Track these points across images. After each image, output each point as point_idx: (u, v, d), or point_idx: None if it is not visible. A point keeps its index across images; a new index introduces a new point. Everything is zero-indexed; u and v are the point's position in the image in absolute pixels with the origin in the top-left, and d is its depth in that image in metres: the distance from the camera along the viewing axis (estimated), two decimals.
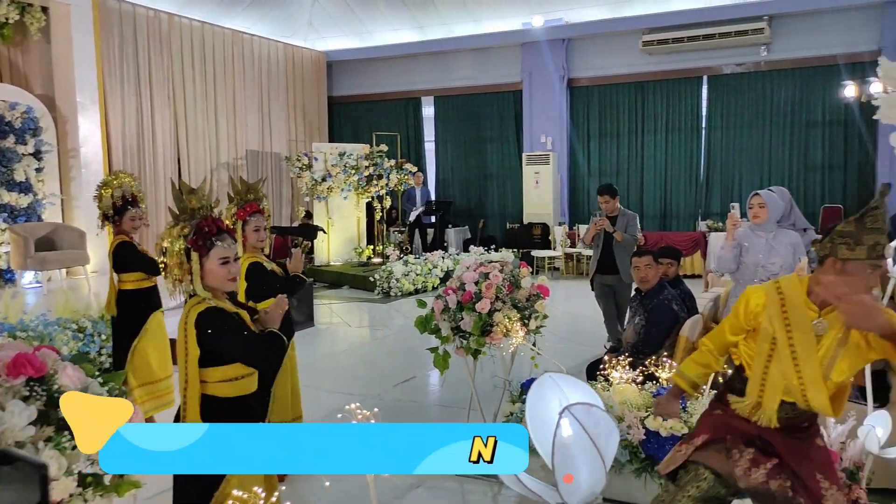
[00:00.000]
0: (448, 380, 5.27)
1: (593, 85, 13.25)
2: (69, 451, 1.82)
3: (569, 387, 1.11)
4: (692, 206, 12.77)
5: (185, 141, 12.09)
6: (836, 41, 11.11)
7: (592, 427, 1.01)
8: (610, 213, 6.34)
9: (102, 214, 4.85)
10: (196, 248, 2.48)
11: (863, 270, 2.25)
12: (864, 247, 2.25)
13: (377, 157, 12.46)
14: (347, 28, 14.29)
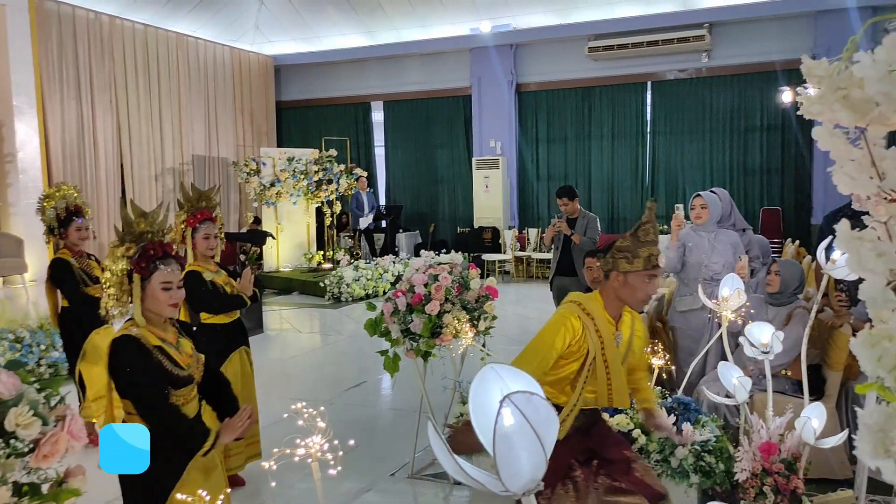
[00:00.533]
0: (399, 383, 5.27)
1: (541, 90, 13.43)
2: (4, 459, 1.76)
3: (511, 377, 1.14)
4: (638, 210, 13.03)
5: (128, 146, 11.81)
6: (773, 48, 11.50)
7: (533, 415, 1.03)
8: (570, 214, 6.37)
9: (48, 228, 4.73)
10: (139, 269, 2.42)
11: (642, 280, 2.53)
12: (640, 259, 2.51)
13: (327, 162, 12.38)
14: (295, 32, 14.19)
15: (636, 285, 2.54)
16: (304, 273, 11.78)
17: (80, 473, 2.02)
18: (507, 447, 1.05)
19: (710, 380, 4.17)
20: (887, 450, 0.94)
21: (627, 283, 2.55)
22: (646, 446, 3.55)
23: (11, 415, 1.83)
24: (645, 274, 2.52)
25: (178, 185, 12.64)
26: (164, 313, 2.47)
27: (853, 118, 1.10)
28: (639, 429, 3.59)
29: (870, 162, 1.05)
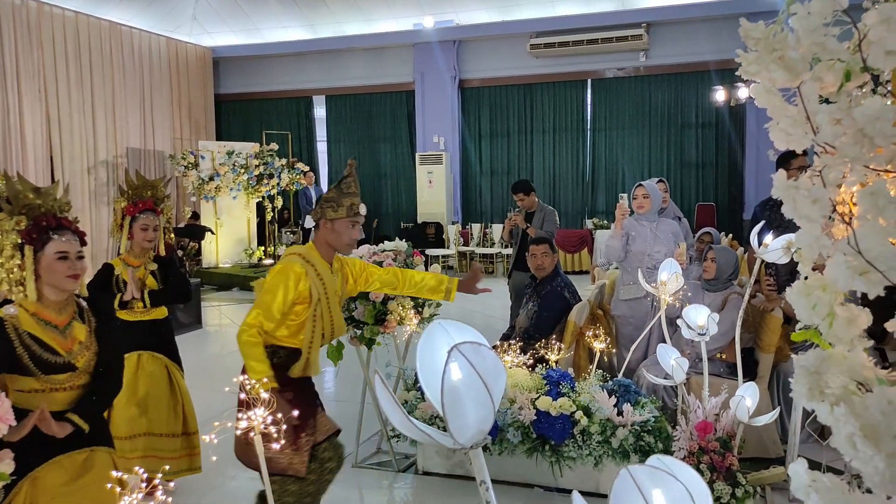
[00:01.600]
0: (341, 373, 5.22)
1: (484, 86, 13.51)
2: None
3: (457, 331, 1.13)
4: (579, 205, 13.25)
5: (58, 138, 11.37)
6: (707, 49, 11.84)
7: (481, 364, 1.03)
8: (528, 209, 6.28)
9: None
10: (30, 241, 2.28)
11: (346, 226, 2.88)
12: (343, 207, 2.86)
13: (267, 157, 12.17)
14: (234, 24, 13.90)
15: (341, 231, 2.87)
16: (245, 269, 11.57)
17: (6, 457, 1.94)
18: (454, 400, 1.05)
19: (650, 364, 4.27)
20: (822, 391, 0.97)
21: (334, 230, 2.87)
22: (587, 428, 3.61)
23: None
24: (348, 220, 2.87)
25: (111, 178, 12.24)
26: (64, 286, 2.31)
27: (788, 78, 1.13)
28: (581, 410, 3.65)
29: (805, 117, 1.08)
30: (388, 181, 14.44)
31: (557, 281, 4.72)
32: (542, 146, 13.30)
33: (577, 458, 3.63)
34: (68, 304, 2.38)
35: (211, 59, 14.70)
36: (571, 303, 4.64)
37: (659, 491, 1.09)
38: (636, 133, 12.75)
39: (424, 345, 1.16)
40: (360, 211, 2.88)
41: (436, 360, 1.11)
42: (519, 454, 3.72)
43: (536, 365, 3.97)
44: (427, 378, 1.12)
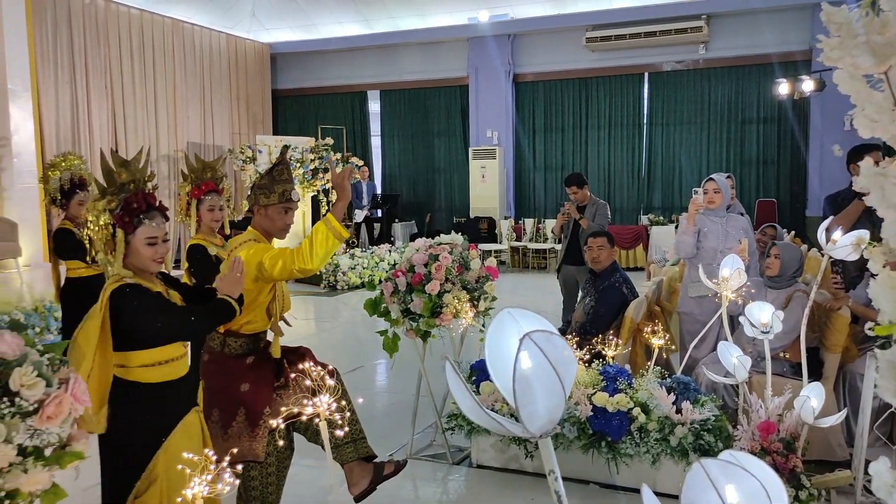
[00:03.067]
0: (396, 365, 5.26)
1: (538, 80, 13.41)
2: (8, 419, 1.75)
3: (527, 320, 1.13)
4: (634, 201, 13.05)
5: (122, 132, 11.75)
6: (770, 41, 11.51)
7: (553, 354, 1.02)
8: (580, 202, 6.27)
9: (50, 198, 4.66)
10: (122, 224, 2.32)
11: (279, 212, 2.89)
12: (276, 194, 2.88)
13: (323, 151, 12.33)
14: (291, 20, 14.11)
15: (274, 217, 2.90)
16: None
17: (82, 437, 2.01)
18: (525, 389, 1.04)
19: (710, 361, 4.18)
20: None
21: (268, 216, 2.91)
22: (645, 425, 3.56)
23: (16, 374, 1.82)
24: (280, 206, 2.90)
25: (172, 171, 12.59)
26: (149, 268, 2.38)
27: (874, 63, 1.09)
28: (638, 407, 3.60)
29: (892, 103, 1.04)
30: (441, 176, 14.48)
31: (616, 276, 4.66)
32: (597, 141, 13.14)
33: (635, 456, 3.58)
34: (153, 277, 2.45)
35: (269, 55, 14.96)
36: (629, 298, 4.58)
37: (732, 486, 1.07)
38: (694, 128, 12.48)
39: (494, 333, 1.16)
40: (292, 197, 2.91)
41: (506, 349, 1.11)
42: (575, 450, 3.69)
43: (593, 360, 3.93)
44: (497, 366, 1.12)
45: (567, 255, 6.33)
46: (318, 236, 2.73)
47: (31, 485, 1.80)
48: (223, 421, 2.80)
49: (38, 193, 9.26)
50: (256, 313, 2.90)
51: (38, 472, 1.82)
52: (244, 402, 2.79)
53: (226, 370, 2.87)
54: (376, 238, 13.22)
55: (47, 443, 1.90)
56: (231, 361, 2.88)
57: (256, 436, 2.80)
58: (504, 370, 1.09)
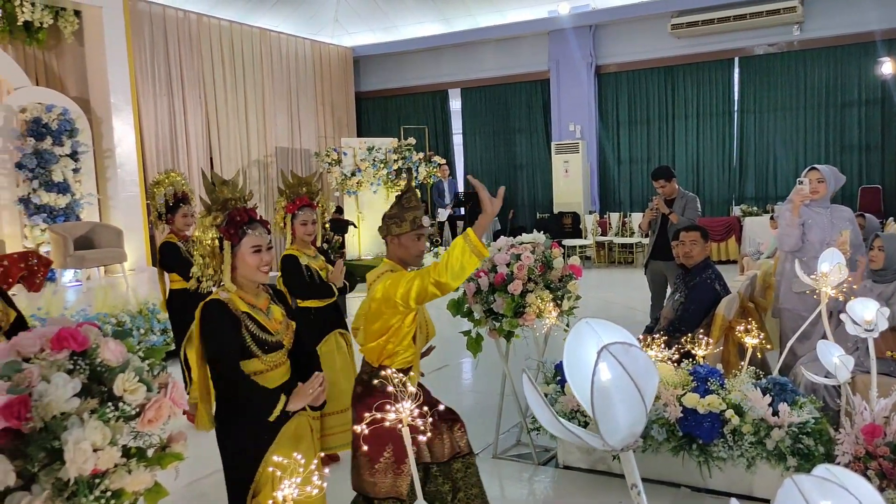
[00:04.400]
0: (481, 365, 5.28)
1: (621, 71, 13.12)
2: (113, 422, 1.85)
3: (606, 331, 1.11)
4: (726, 192, 12.59)
5: (216, 140, 12.25)
6: (872, 17, 10.84)
7: (632, 366, 1.00)
8: (668, 195, 6.09)
9: (156, 213, 4.95)
10: (228, 236, 2.47)
11: (412, 239, 2.88)
12: (407, 222, 2.87)
13: (405, 151, 12.49)
14: (373, 23, 14.34)
15: (408, 245, 2.89)
16: None
17: (181, 439, 2.11)
18: (604, 401, 1.03)
19: (809, 360, 3.99)
20: None
21: (401, 244, 2.89)
22: (739, 428, 3.43)
23: (119, 380, 1.93)
24: (413, 234, 2.88)
25: (262, 176, 13.04)
26: (256, 278, 2.51)
27: None
28: (732, 409, 3.47)
29: None
30: (523, 172, 14.39)
31: (708, 272, 4.50)
32: (685, 131, 12.74)
33: (728, 459, 3.46)
34: (261, 290, 2.59)
35: (351, 59, 15.26)
36: (721, 295, 4.41)
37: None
38: (789, 114, 11.91)
39: (572, 344, 1.15)
40: (423, 223, 2.90)
41: (584, 360, 1.09)
42: (664, 452, 3.60)
43: (682, 360, 3.82)
44: (575, 378, 1.11)
45: (655, 250, 6.14)
46: (455, 251, 2.58)
47: (135, 484, 1.90)
48: (371, 455, 2.81)
49: (141, 201, 9.78)
50: (404, 346, 2.89)
51: (142, 473, 1.92)
52: (392, 439, 2.76)
53: (376, 404, 2.86)
54: None
55: (149, 444, 2.01)
56: (381, 396, 2.78)
57: (401, 473, 2.82)
58: (583, 382, 1.08)
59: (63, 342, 1.92)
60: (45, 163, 8.67)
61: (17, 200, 8.63)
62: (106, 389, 1.93)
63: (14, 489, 1.75)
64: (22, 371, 1.83)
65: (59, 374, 1.86)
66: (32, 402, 1.79)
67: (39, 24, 9.20)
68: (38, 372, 1.85)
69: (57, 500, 1.77)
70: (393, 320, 2.78)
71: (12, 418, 1.73)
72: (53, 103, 8.92)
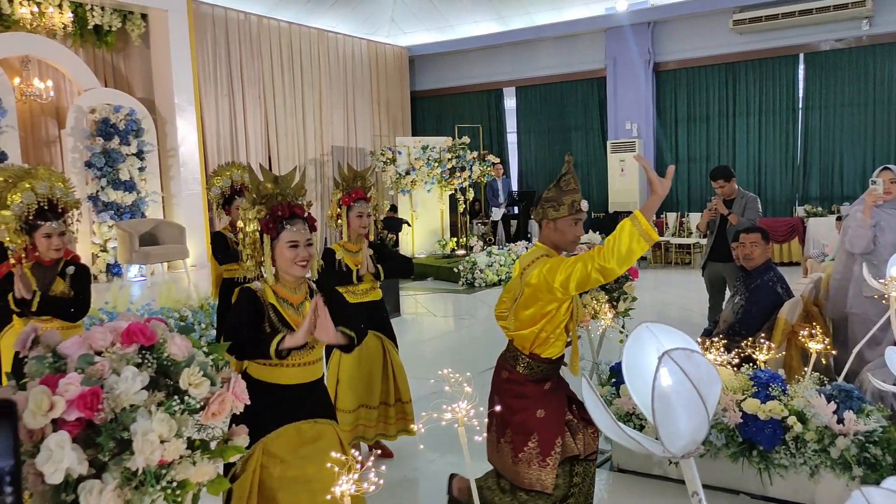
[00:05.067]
0: None
1: (681, 68, 12.86)
2: (179, 415, 1.92)
3: (666, 336, 1.09)
4: (789, 191, 12.22)
5: (274, 139, 12.49)
6: None
7: (693, 372, 0.99)
8: (727, 196, 5.94)
9: (216, 203, 5.08)
10: (267, 230, 2.53)
11: (569, 224, 2.78)
12: (564, 206, 2.76)
13: (459, 150, 12.51)
14: (429, 22, 14.40)
15: (564, 229, 2.78)
16: (439, 259, 11.99)
17: (242, 433, 2.17)
18: (665, 407, 1.01)
19: (876, 366, 3.85)
20: None
21: (557, 229, 2.79)
22: (802, 435, 3.33)
23: (185, 375, 1.99)
24: (570, 218, 2.77)
25: (318, 174, 13.24)
26: (292, 271, 2.54)
27: None
28: (794, 416, 3.37)
29: None
30: (578, 170, 14.22)
31: (769, 275, 4.38)
32: (746, 129, 12.41)
33: (790, 467, 3.37)
34: (302, 285, 2.63)
35: (407, 58, 15.35)
36: (784, 298, 4.29)
37: None
38: (857, 111, 11.48)
39: (631, 348, 1.14)
40: (581, 207, 2.78)
41: (644, 366, 1.08)
42: (723, 458, 3.52)
43: (742, 364, 3.73)
44: (635, 382, 1.10)
45: (713, 251, 6.01)
46: (622, 234, 2.46)
47: (199, 476, 1.96)
48: (515, 444, 2.80)
49: (202, 199, 10.05)
50: (556, 334, 2.82)
51: (205, 464, 1.98)
52: (538, 429, 2.77)
53: (523, 392, 2.85)
54: (513, 235, 13.23)
55: (212, 437, 2.07)
56: (529, 384, 2.85)
57: (546, 466, 2.76)
58: (642, 387, 1.07)
59: (132, 337, 1.99)
60: (113, 162, 9.00)
61: (87, 198, 8.97)
62: (172, 383, 2.00)
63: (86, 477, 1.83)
64: (94, 364, 1.91)
65: (129, 368, 1.93)
66: (104, 393, 1.86)
67: (108, 28, 9.54)
68: (110, 365, 1.92)
69: (126, 489, 1.84)
70: (549, 307, 2.72)
71: (86, 409, 1.81)
72: (121, 104, 9.25)
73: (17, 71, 8.96)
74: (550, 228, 2.81)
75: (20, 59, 8.94)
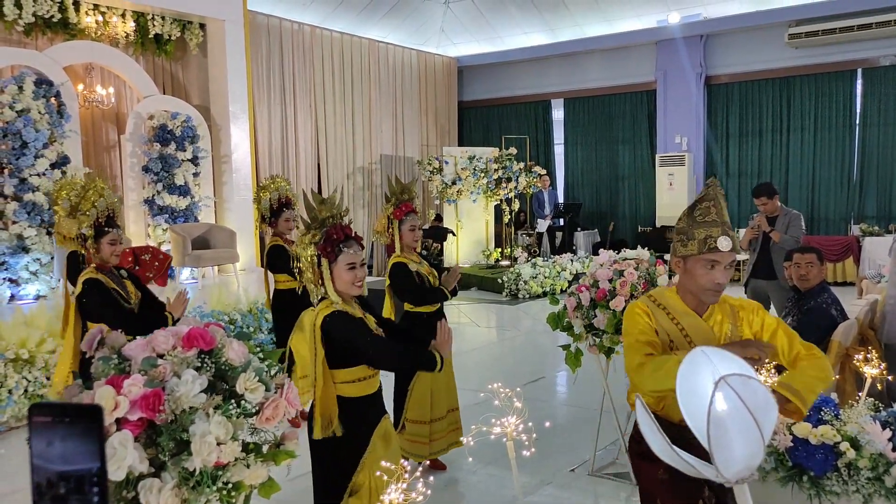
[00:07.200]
0: (579, 379, 5.23)
1: (733, 82, 12.67)
2: (235, 418, 1.98)
3: (721, 361, 1.10)
4: (843, 209, 11.92)
5: (324, 147, 12.68)
6: None
7: (750, 398, 0.99)
8: (770, 213, 5.95)
9: (260, 216, 5.23)
10: (325, 254, 2.63)
11: (701, 266, 2.16)
12: (695, 241, 2.18)
13: (506, 160, 12.53)
14: (479, 34, 14.48)
15: (695, 272, 2.20)
16: (483, 269, 12.00)
17: (293, 437, 2.22)
18: (720, 432, 1.02)
19: None
20: None
21: (688, 270, 2.23)
22: (855, 462, 3.25)
23: (241, 380, 2.06)
24: (703, 259, 2.17)
25: (366, 183, 13.39)
26: (351, 292, 2.66)
27: None
28: (847, 442, 3.29)
29: None
30: (625, 183, 14.12)
31: (824, 296, 4.29)
32: (800, 145, 12.15)
33: (842, 494, 3.28)
34: (354, 301, 2.74)
35: (456, 68, 15.45)
36: (838, 321, 4.20)
37: None
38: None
39: (686, 371, 1.14)
40: (718, 246, 2.16)
41: (699, 389, 1.09)
42: (771, 481, 3.45)
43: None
44: (689, 406, 1.10)
45: (756, 268, 6.02)
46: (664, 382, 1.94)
47: (253, 478, 2.02)
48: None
49: (253, 205, 10.27)
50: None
51: (258, 467, 2.04)
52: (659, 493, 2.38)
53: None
54: (558, 247, 13.17)
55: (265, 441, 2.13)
56: None
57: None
58: (698, 412, 1.07)
59: (193, 341, 2.06)
60: (169, 167, 9.25)
61: (143, 201, 9.24)
62: (229, 387, 2.07)
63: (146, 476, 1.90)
64: (157, 366, 1.98)
65: (189, 371, 2.01)
66: (165, 395, 1.94)
67: (168, 37, 9.84)
68: (171, 368, 2.00)
69: (183, 488, 1.91)
70: None
71: (148, 409, 1.88)
72: (178, 111, 9.51)
73: (81, 78, 9.30)
74: (680, 268, 2.28)
75: (84, 66, 9.27)
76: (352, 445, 2.63)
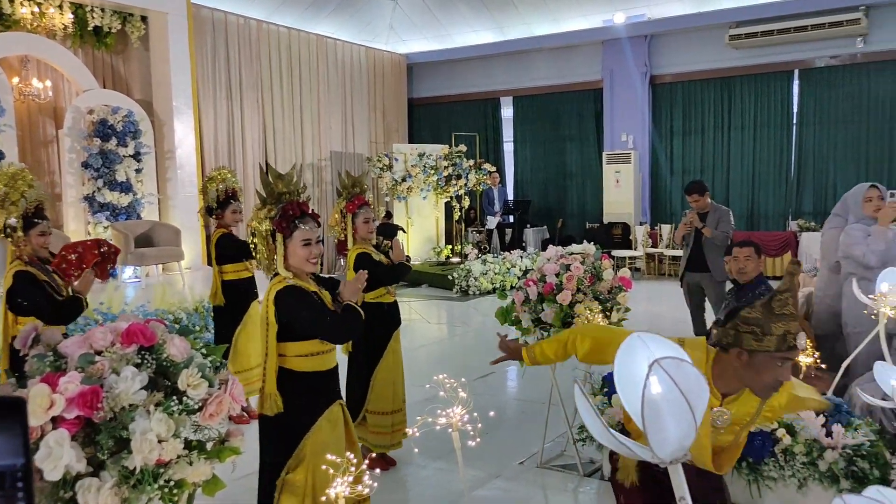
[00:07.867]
0: (528, 374, 5.29)
1: (677, 81, 12.96)
2: (177, 415, 1.94)
3: (657, 346, 1.13)
4: (782, 205, 12.31)
5: (272, 143, 12.51)
6: None
7: (683, 382, 1.02)
8: (701, 210, 6.21)
9: (206, 207, 5.15)
10: (280, 229, 2.63)
11: (772, 364, 2.00)
12: (772, 337, 1.98)
13: (456, 158, 12.57)
14: (428, 31, 14.48)
15: (763, 368, 2.01)
16: (433, 266, 12.02)
17: (238, 434, 2.20)
18: (654, 414, 1.05)
19: (865, 381, 3.89)
20: None
21: (752, 365, 2.03)
22: (790, 448, 3.37)
23: (183, 376, 2.02)
24: (777, 356, 2.00)
25: (315, 179, 13.26)
26: (305, 268, 2.67)
27: None
28: (783, 429, 3.41)
29: None
30: (573, 181, 14.32)
31: (761, 288, 4.43)
32: (741, 143, 12.51)
33: (779, 479, 3.40)
34: (309, 278, 2.74)
35: (405, 66, 15.42)
36: None
37: None
38: (851, 127, 11.59)
39: (623, 357, 1.17)
40: (795, 344, 2.01)
41: (635, 374, 1.12)
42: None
43: None
44: (625, 390, 1.13)
45: (690, 263, 6.28)
46: None
47: (196, 476, 1.99)
48: None
49: (198, 202, 10.07)
50: None
51: (202, 465, 2.01)
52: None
53: None
54: (508, 244, 13.28)
55: (209, 438, 2.10)
56: None
57: None
58: (633, 395, 1.10)
59: (132, 337, 2.02)
60: (110, 163, 9.00)
61: (83, 198, 8.98)
62: (170, 384, 2.03)
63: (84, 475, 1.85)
64: (95, 363, 1.93)
65: (128, 368, 1.96)
66: (103, 392, 1.89)
67: (108, 30, 9.56)
68: (110, 365, 1.95)
69: (123, 487, 1.87)
70: None
71: (85, 407, 1.83)
72: (119, 105, 9.26)
73: (16, 70, 8.97)
74: (742, 361, 2.04)
75: (19, 58, 8.95)
76: (298, 421, 2.62)
